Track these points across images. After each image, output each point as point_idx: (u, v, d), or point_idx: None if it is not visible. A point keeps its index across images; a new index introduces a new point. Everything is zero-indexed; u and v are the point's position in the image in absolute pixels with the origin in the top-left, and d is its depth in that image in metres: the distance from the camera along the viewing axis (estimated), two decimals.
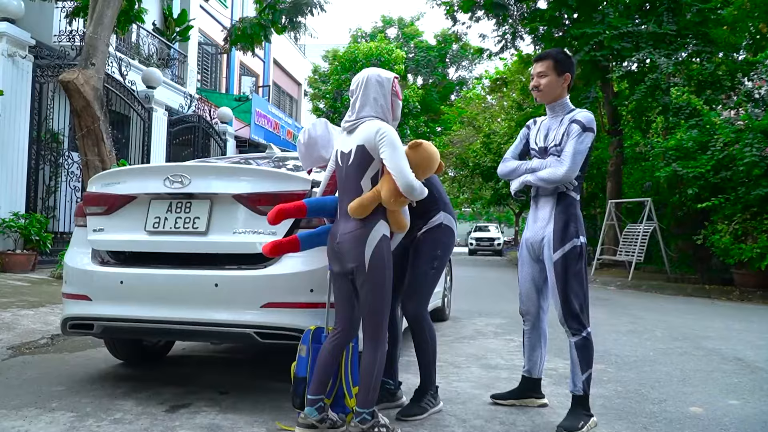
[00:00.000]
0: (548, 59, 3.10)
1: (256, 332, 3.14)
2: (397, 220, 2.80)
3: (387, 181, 2.69)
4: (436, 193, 3.17)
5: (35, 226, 8.77)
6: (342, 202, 2.81)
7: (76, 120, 8.02)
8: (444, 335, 5.79)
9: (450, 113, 28.18)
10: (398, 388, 3.36)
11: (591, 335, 3.04)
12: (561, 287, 3.00)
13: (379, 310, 2.72)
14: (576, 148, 2.96)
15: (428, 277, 3.16)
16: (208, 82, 19.64)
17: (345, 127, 2.87)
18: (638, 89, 12.97)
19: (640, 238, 13.11)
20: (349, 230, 2.73)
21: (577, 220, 3.04)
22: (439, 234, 3.18)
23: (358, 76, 2.89)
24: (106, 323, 3.34)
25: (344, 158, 2.82)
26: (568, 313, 3.00)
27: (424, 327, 3.18)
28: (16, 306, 5.75)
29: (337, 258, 2.78)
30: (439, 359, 4.60)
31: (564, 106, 3.12)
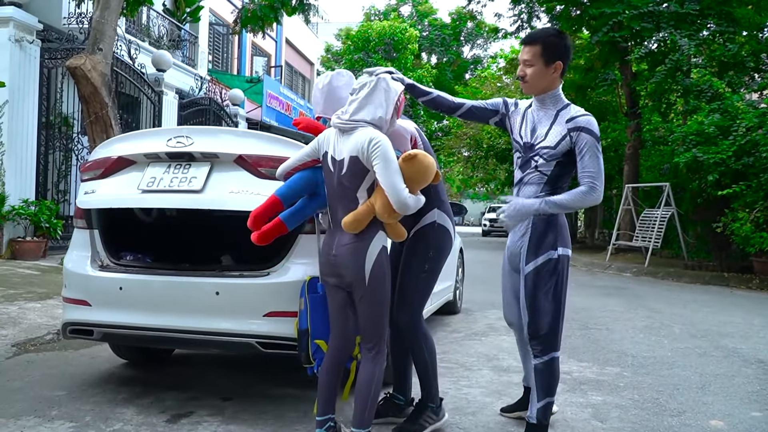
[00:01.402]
0: (535, 44, 2.66)
1: (258, 342, 3.04)
2: (394, 230, 2.65)
3: (381, 195, 2.51)
4: (432, 190, 2.84)
5: (45, 213, 8.75)
6: (335, 211, 2.64)
7: (84, 106, 7.92)
8: (455, 331, 5.68)
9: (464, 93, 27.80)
10: (410, 404, 3.12)
11: (557, 361, 2.72)
12: (528, 303, 2.69)
13: (380, 322, 2.61)
14: (600, 165, 2.60)
15: (420, 281, 2.90)
16: (220, 63, 19.46)
17: (337, 125, 2.61)
18: (658, 71, 12.62)
19: (658, 223, 12.85)
20: (347, 242, 2.57)
21: (557, 230, 2.69)
22: (432, 234, 2.90)
23: (367, 78, 2.65)
24: (105, 330, 3.26)
25: (337, 166, 2.60)
26: (533, 333, 2.70)
27: (418, 337, 2.92)
28: (24, 298, 5.71)
29: (333, 271, 2.62)
30: (450, 359, 4.52)
31: (555, 99, 2.71)
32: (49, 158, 9.80)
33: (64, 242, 9.32)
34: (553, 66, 2.66)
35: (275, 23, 10.92)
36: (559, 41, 2.68)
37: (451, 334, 5.51)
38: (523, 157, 2.78)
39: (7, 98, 8.42)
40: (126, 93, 10.84)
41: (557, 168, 2.68)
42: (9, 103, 8.59)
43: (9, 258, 8.41)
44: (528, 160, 2.74)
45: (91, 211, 3.40)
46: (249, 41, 20.56)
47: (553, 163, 2.67)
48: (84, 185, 3.41)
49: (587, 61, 15.86)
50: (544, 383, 2.72)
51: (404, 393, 3.11)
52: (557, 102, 2.71)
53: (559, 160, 2.66)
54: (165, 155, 3.17)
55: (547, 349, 2.69)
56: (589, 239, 21.52)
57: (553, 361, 2.70)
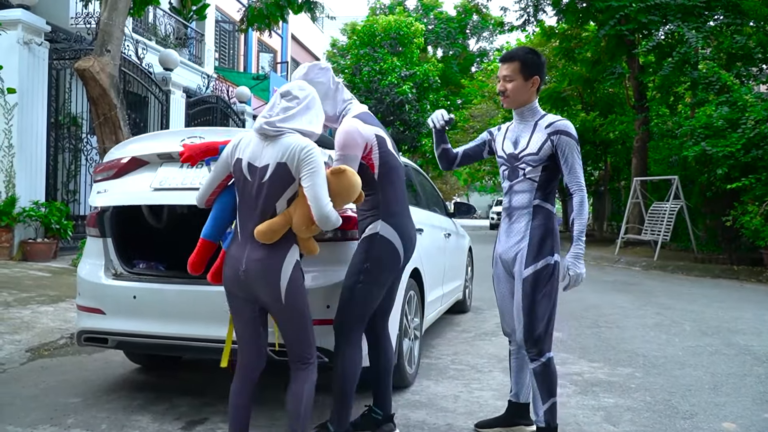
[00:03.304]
0: (514, 61, 2.82)
1: (271, 350, 3.04)
2: (307, 245, 2.53)
3: (301, 206, 2.41)
4: (381, 200, 2.78)
5: (55, 214, 8.78)
6: (246, 221, 2.46)
7: (93, 107, 7.95)
8: (465, 331, 5.68)
9: (471, 86, 27.70)
10: (388, 419, 2.99)
11: (552, 361, 2.79)
12: (526, 307, 2.75)
13: (305, 337, 2.49)
14: (580, 165, 2.77)
15: (353, 293, 2.75)
16: (226, 60, 19.46)
17: (265, 130, 2.44)
18: (666, 63, 12.52)
19: (667, 216, 12.80)
20: (258, 257, 2.40)
21: (553, 236, 2.80)
22: (371, 245, 2.76)
23: (309, 90, 2.56)
24: (119, 338, 3.28)
25: (257, 173, 2.42)
26: (529, 336, 2.75)
27: (339, 350, 2.77)
28: (36, 302, 5.75)
29: (243, 287, 2.45)
30: (461, 361, 4.53)
31: (533, 111, 2.86)
32: (59, 159, 9.84)
33: (74, 243, 9.38)
34: (531, 80, 2.82)
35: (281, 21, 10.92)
36: (535, 58, 2.85)
37: (461, 334, 5.52)
38: (509, 167, 2.90)
39: (17, 101, 8.44)
40: (134, 92, 10.87)
41: (545, 173, 2.81)
42: (18, 105, 8.61)
43: (20, 259, 8.46)
44: (515, 170, 2.87)
45: (104, 219, 3.41)
46: (255, 38, 20.55)
47: (540, 168, 2.80)
48: (96, 185, 3.45)
49: (594, 54, 15.76)
50: (546, 385, 2.77)
51: (383, 407, 3.00)
52: (535, 114, 2.86)
53: (545, 165, 2.80)
54: (178, 155, 3.18)
55: (542, 351, 2.77)
56: (597, 232, 21.45)
57: (550, 361, 2.78)
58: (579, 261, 2.74)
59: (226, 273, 2.50)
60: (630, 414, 3.42)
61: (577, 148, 2.76)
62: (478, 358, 4.65)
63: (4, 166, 8.69)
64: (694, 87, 12.49)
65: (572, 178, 2.74)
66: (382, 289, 2.82)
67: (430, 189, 5.71)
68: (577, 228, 2.75)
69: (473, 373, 4.23)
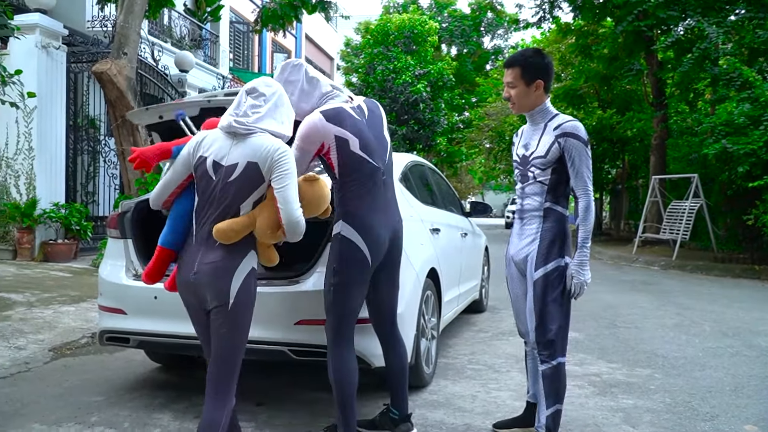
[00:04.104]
0: (515, 67, 2.79)
1: (290, 350, 3.10)
2: (267, 253, 2.45)
3: (267, 209, 2.33)
4: (342, 199, 2.75)
5: (75, 215, 8.93)
6: (204, 222, 2.35)
7: (111, 110, 8.08)
8: (482, 330, 5.70)
9: (485, 84, 27.62)
10: (404, 419, 3.00)
11: (563, 366, 2.77)
12: (538, 309, 2.76)
13: (236, 355, 2.33)
14: (588, 168, 2.73)
15: (329, 295, 2.74)
16: (241, 61, 19.60)
17: (235, 128, 2.35)
18: (685, 59, 12.39)
19: (686, 215, 12.69)
20: (212, 260, 2.28)
21: (564, 238, 2.79)
22: (335, 246, 2.73)
23: (277, 86, 2.49)
24: (141, 337, 3.35)
25: (222, 172, 2.33)
26: (540, 338, 2.76)
27: (328, 356, 2.76)
28: (58, 302, 5.86)
29: (193, 291, 2.33)
30: (478, 361, 4.54)
31: (544, 113, 2.83)
32: (77, 161, 10.00)
33: (94, 243, 9.52)
34: (534, 85, 2.79)
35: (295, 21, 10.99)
36: (537, 60, 2.80)
37: (478, 334, 5.53)
38: (521, 170, 2.91)
39: (36, 104, 8.59)
40: (150, 94, 10.99)
41: (554, 176, 2.79)
42: (38, 108, 8.76)
43: (41, 260, 8.62)
44: (525, 173, 2.87)
45: (124, 221, 3.48)
46: (269, 38, 20.67)
47: (549, 171, 2.79)
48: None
49: (611, 50, 15.65)
50: (552, 389, 2.76)
51: (399, 407, 3.01)
52: (546, 115, 2.83)
53: (553, 168, 2.78)
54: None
55: (554, 354, 2.76)
56: (614, 231, 21.31)
57: (561, 366, 2.77)
58: (583, 268, 2.72)
59: (179, 279, 2.40)
60: (650, 415, 3.42)
61: (586, 150, 2.73)
62: (496, 358, 4.66)
63: (24, 169, 8.86)
64: (714, 83, 12.36)
65: (578, 181, 2.73)
66: (355, 288, 2.75)
67: (446, 188, 5.73)
68: (582, 234, 2.72)
69: (490, 373, 4.25)
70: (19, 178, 8.88)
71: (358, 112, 2.83)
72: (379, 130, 2.91)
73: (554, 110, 2.85)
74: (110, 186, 10.54)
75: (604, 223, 24.29)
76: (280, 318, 3.09)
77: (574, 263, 2.72)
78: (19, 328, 4.86)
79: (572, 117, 2.83)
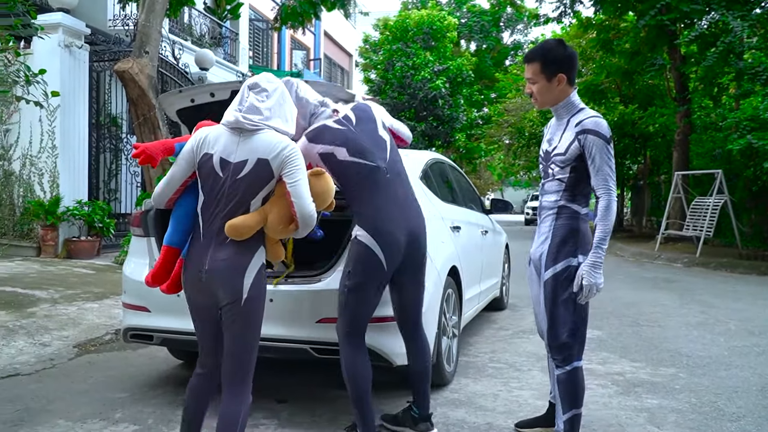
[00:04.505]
0: (534, 62, 2.69)
1: (312, 348, 3.11)
2: (275, 249, 2.48)
3: (278, 205, 2.35)
4: (351, 204, 2.82)
5: (98, 213, 9.06)
6: (212, 220, 2.35)
7: (132, 108, 8.16)
8: (502, 328, 5.67)
9: (505, 80, 27.44)
10: (425, 419, 3.01)
11: (580, 370, 2.68)
12: (549, 311, 2.67)
13: (250, 351, 2.35)
14: (609, 167, 2.58)
15: (341, 296, 2.78)
16: (260, 58, 19.69)
17: (241, 122, 2.35)
18: (709, 54, 12.20)
19: (710, 212, 12.50)
20: (225, 257, 2.29)
21: (577, 237, 2.66)
22: (351, 249, 2.79)
23: (278, 83, 2.50)
24: (164, 335, 3.39)
25: (230, 168, 2.33)
26: (553, 341, 2.68)
27: (341, 355, 2.80)
28: (81, 298, 5.94)
29: (203, 289, 2.33)
30: (499, 359, 4.52)
31: (568, 107, 2.71)
32: (100, 159, 10.13)
33: (116, 240, 9.65)
34: (555, 79, 2.67)
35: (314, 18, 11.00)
36: (558, 53, 2.67)
37: (498, 332, 5.51)
38: (544, 166, 2.83)
39: (59, 103, 8.69)
40: None
41: (573, 174, 2.68)
42: (61, 107, 8.89)
43: (65, 257, 8.75)
44: (547, 169, 2.79)
45: (147, 219, 3.51)
46: (288, 35, 20.73)
47: (568, 169, 2.68)
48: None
49: (633, 45, 15.44)
50: (569, 394, 2.68)
51: (420, 406, 3.02)
52: (570, 110, 2.71)
53: (573, 166, 2.66)
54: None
55: (568, 359, 2.66)
56: (636, 227, 21.06)
57: (576, 371, 2.67)
58: (596, 270, 2.57)
59: (187, 277, 2.39)
60: (675, 416, 3.38)
61: (607, 148, 2.59)
62: (517, 357, 4.64)
63: (48, 167, 9.00)
64: (739, 77, 12.15)
65: (598, 180, 2.59)
66: (369, 292, 2.78)
67: (466, 185, 5.71)
68: (599, 234, 2.57)
69: (512, 372, 4.23)
70: (42, 176, 9.02)
71: (344, 122, 2.87)
72: (373, 130, 2.92)
73: (580, 104, 2.72)
74: (132, 183, 10.67)
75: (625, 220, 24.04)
76: (301, 316, 3.11)
77: (587, 264, 2.58)
78: (43, 324, 4.94)
79: (596, 113, 2.70)
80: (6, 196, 9.14)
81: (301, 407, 3.42)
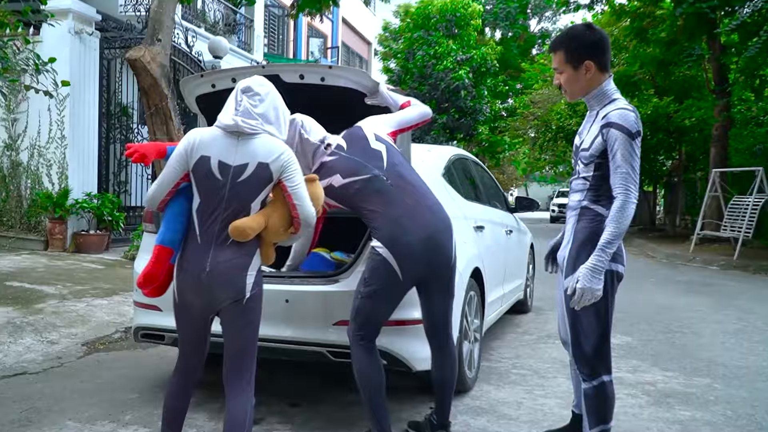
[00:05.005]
0: (559, 50, 2.61)
1: (329, 351, 3.14)
2: (268, 252, 2.59)
3: (279, 209, 2.50)
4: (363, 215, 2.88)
5: (108, 206, 9.15)
6: (209, 222, 2.46)
7: (144, 98, 8.24)
8: (526, 333, 5.65)
9: (531, 70, 27.25)
10: (442, 428, 3.05)
11: (609, 385, 2.60)
12: (571, 321, 2.59)
13: (252, 348, 2.51)
14: (631, 165, 2.44)
15: (355, 302, 2.85)
16: (275, 46, 19.75)
17: (240, 126, 2.45)
18: (751, 44, 12.02)
19: (749, 211, 12.33)
20: (227, 258, 2.42)
21: (598, 242, 2.49)
22: (369, 257, 2.87)
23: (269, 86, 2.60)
24: (176, 335, 3.40)
25: (230, 171, 2.45)
26: (578, 354, 2.61)
27: (353, 358, 2.85)
28: (90, 294, 6.03)
29: (202, 291, 2.43)
30: (523, 365, 4.52)
31: (600, 97, 2.59)
32: (110, 150, 10.24)
33: (126, 235, 9.75)
34: (583, 67, 2.58)
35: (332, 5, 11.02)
36: (584, 38, 2.58)
37: (522, 336, 5.49)
38: (574, 162, 2.75)
39: (69, 91, 8.77)
40: None
41: (598, 172, 2.57)
42: (70, 96, 8.97)
43: (73, 251, 8.86)
44: (575, 166, 2.72)
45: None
46: (305, 23, 20.76)
47: (592, 166, 2.58)
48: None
49: (669, 34, 15.25)
50: (596, 410, 2.61)
51: (440, 415, 3.07)
52: (602, 100, 2.60)
53: (597, 163, 2.56)
54: None
55: (595, 373, 2.59)
56: (669, 227, 20.83)
57: (604, 385, 2.59)
58: (595, 275, 2.43)
59: (183, 279, 2.47)
60: (709, 429, 3.35)
61: (631, 143, 2.44)
62: (541, 363, 4.62)
63: (57, 158, 9.11)
64: None
65: (617, 178, 2.46)
66: (382, 301, 2.84)
67: (490, 182, 5.69)
68: (607, 236, 2.44)
69: (536, 379, 4.22)
70: (51, 168, 9.13)
71: (336, 151, 2.98)
72: (365, 147, 2.98)
73: (613, 94, 2.59)
74: (142, 176, 10.77)
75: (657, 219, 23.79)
76: (318, 318, 3.14)
77: (585, 266, 2.45)
78: (51, 321, 5.02)
79: (627, 104, 2.53)
80: (13, 188, 9.27)
81: (316, 411, 3.45)
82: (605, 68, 2.60)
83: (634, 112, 2.51)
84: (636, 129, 2.47)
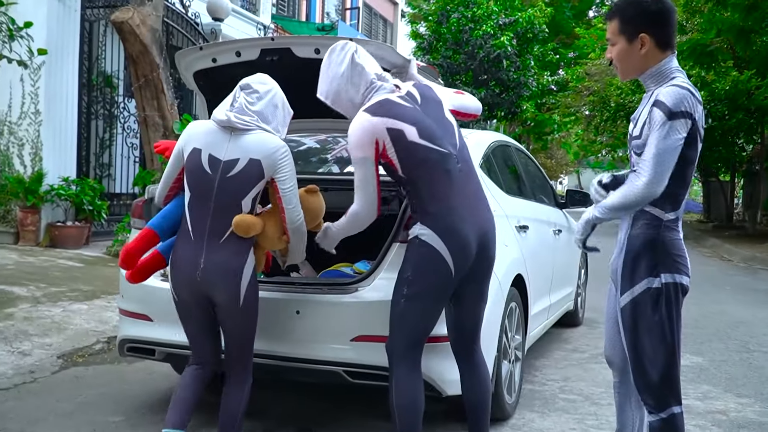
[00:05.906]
0: (613, 19, 2.57)
1: (345, 371, 3.16)
2: (261, 259, 2.95)
3: (275, 216, 2.85)
4: (415, 199, 2.86)
5: (88, 193, 9.17)
6: (201, 218, 2.79)
7: (132, 68, 8.33)
8: (576, 350, 5.65)
9: (587, 37, 27.01)
10: None
11: (680, 417, 2.55)
12: (630, 345, 2.57)
13: (250, 341, 2.92)
14: (659, 147, 2.38)
15: (398, 309, 2.82)
16: (285, 7, 19.78)
17: (233, 122, 2.79)
18: None
19: None
20: (221, 260, 2.75)
21: (659, 249, 2.50)
22: (411, 251, 2.83)
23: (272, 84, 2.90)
24: (169, 349, 3.46)
25: (221, 166, 2.78)
26: (640, 382, 2.57)
27: (390, 379, 2.83)
28: (67, 298, 6.13)
29: (198, 288, 2.78)
30: (572, 389, 4.53)
31: (657, 77, 2.54)
32: (91, 127, 10.29)
33: (109, 227, 9.84)
34: (637, 40, 2.53)
35: None
36: (642, 5, 2.53)
37: (572, 354, 5.49)
38: (629, 153, 2.71)
39: (44, 59, 8.68)
40: (178, 47, 11.25)
41: None
42: (46, 64, 8.94)
43: (47, 246, 8.91)
44: (630, 157, 2.67)
45: (152, 209, 3.59)
46: None
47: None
48: None
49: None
50: None
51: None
52: (659, 80, 2.54)
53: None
54: None
55: (662, 404, 2.55)
56: (749, 224, 20.59)
57: (674, 418, 2.55)
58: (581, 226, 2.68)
59: (177, 276, 2.83)
60: None
61: (669, 123, 2.37)
62: (594, 386, 4.62)
63: (30, 136, 9.14)
64: None
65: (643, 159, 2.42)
66: (432, 303, 2.85)
67: (536, 172, 5.69)
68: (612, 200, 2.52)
69: (588, 406, 4.22)
70: (23, 147, 9.15)
71: (409, 99, 2.92)
72: (440, 113, 2.98)
73: (673, 73, 2.53)
74: (129, 158, 10.86)
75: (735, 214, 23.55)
76: (334, 333, 3.16)
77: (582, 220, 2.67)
78: (23, 329, 5.11)
79: (683, 82, 2.48)
80: None
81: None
82: (666, 45, 2.55)
83: (689, 91, 2.45)
84: (681, 109, 2.40)
